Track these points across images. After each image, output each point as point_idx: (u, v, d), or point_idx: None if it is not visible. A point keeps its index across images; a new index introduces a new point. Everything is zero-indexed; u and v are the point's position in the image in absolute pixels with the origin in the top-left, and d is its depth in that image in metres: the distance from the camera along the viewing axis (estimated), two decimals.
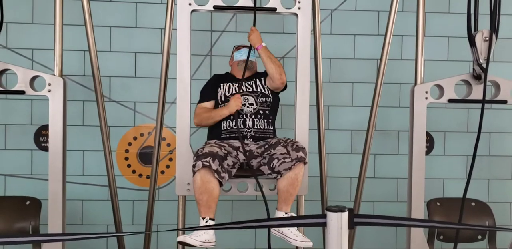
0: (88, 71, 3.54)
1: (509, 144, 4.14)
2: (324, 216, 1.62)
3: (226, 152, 2.81)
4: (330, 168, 3.81)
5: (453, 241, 3.02)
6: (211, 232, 2.62)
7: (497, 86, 3.10)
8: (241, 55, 3.11)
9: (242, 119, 2.96)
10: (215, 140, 2.96)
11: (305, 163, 2.76)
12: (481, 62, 2.96)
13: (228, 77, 3.15)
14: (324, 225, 1.63)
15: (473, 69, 3.02)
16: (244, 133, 2.95)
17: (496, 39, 2.95)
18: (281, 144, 2.81)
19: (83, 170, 3.86)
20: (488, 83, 2.98)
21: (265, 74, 3.10)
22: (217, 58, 3.91)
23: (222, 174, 2.67)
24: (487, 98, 2.96)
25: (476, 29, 3.01)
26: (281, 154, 2.74)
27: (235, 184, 2.98)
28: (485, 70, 2.92)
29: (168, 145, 3.93)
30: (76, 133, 3.73)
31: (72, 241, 2.74)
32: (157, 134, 3.14)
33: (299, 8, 2.98)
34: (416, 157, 3.07)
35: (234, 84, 3.07)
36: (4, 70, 2.90)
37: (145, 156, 3.90)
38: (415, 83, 3.10)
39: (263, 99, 3.03)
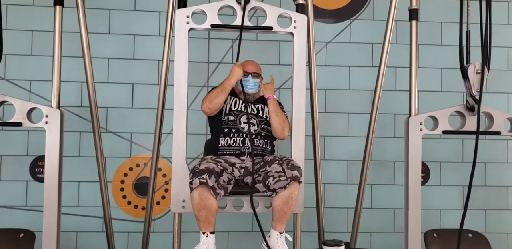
0: (85, 102, 3.56)
1: (504, 174, 4.15)
2: None
3: (222, 168, 2.83)
4: (326, 198, 3.80)
5: None
6: (212, 246, 2.68)
7: (490, 118, 3.13)
8: (249, 86, 3.09)
9: (242, 138, 2.99)
10: (211, 156, 2.97)
11: (299, 182, 2.77)
12: (474, 94, 2.99)
13: (233, 92, 3.13)
14: None
15: (467, 100, 3.06)
16: (242, 150, 2.98)
17: (488, 72, 3.00)
18: (277, 161, 2.82)
19: (78, 201, 3.83)
20: (481, 114, 3.01)
21: None
22: None
23: (218, 191, 2.68)
24: (481, 129, 2.99)
25: (468, 61, 3.06)
26: (276, 172, 2.74)
27: (231, 201, 2.97)
28: (478, 102, 2.95)
29: (164, 175, 3.92)
30: (72, 164, 3.71)
31: None
32: (153, 164, 3.14)
33: (295, 27, 3.03)
34: (412, 188, 3.07)
35: (240, 102, 3.10)
36: (2, 102, 2.92)
37: (141, 187, 3.89)
38: (410, 114, 3.13)
39: (265, 126, 3.07)
